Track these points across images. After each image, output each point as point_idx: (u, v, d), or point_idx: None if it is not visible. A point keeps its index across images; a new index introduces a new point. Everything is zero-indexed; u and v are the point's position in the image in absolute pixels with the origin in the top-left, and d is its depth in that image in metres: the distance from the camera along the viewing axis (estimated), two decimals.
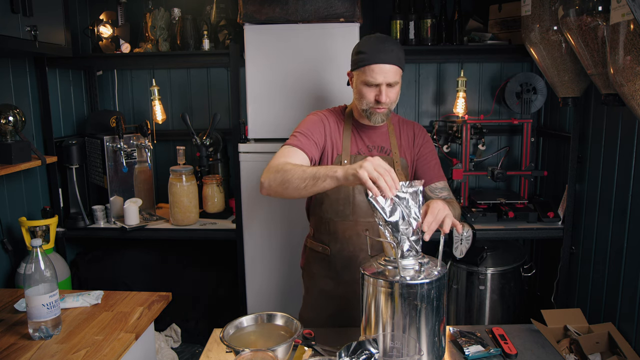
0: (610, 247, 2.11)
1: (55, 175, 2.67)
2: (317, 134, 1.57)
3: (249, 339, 1.27)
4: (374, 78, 1.49)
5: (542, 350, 1.42)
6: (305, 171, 1.33)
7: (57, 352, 1.40)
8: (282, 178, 1.36)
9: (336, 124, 1.63)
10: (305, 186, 1.32)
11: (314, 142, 1.56)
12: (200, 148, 2.69)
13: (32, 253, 1.43)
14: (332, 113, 1.67)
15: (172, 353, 2.70)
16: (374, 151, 1.63)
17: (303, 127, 1.59)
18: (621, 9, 1.33)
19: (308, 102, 2.37)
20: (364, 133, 1.64)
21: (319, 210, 1.67)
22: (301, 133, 1.56)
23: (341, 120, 1.65)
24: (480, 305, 2.62)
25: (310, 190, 1.33)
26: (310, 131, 1.57)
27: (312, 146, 1.55)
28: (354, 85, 1.58)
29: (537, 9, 2.06)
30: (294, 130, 1.60)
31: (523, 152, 2.77)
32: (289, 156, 1.48)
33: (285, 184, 1.35)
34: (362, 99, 1.54)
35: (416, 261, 1.23)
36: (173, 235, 2.66)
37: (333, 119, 1.64)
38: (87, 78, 3.06)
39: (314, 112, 1.66)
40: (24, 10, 2.02)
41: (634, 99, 1.38)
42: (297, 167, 1.36)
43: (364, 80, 1.51)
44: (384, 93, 1.50)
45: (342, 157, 1.58)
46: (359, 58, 1.51)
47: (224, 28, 2.77)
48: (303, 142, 1.53)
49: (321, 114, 1.64)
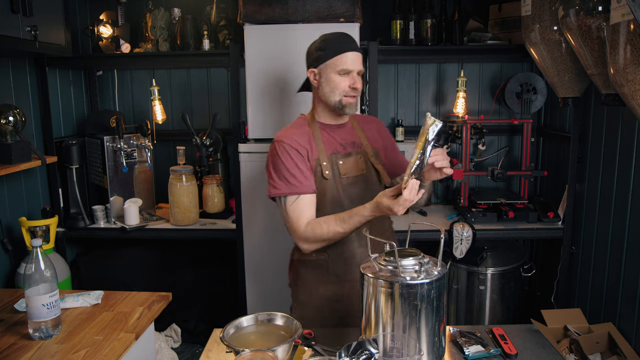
0: (610, 247, 2.11)
1: (55, 175, 2.67)
2: (301, 164, 1.54)
3: (249, 339, 1.27)
4: (348, 65, 1.55)
5: (542, 350, 1.42)
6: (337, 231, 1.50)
7: (57, 352, 1.40)
8: (323, 243, 1.54)
9: (303, 135, 1.60)
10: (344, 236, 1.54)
11: (306, 175, 1.54)
12: (200, 148, 2.69)
13: (32, 253, 1.43)
14: (296, 129, 1.62)
15: (172, 353, 2.70)
16: (348, 147, 1.63)
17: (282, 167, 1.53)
18: (621, 9, 1.33)
19: (308, 102, 2.36)
20: (333, 132, 1.64)
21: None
22: (290, 175, 1.52)
23: (306, 131, 1.62)
24: (480, 305, 2.62)
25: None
26: (293, 166, 1.53)
27: (306, 181, 1.54)
28: (323, 80, 1.57)
29: (537, 9, 2.06)
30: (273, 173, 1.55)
31: (523, 152, 2.77)
32: (306, 208, 1.54)
33: (329, 242, 1.55)
34: (336, 89, 1.56)
35: (416, 261, 1.23)
36: (173, 235, 2.66)
37: (297, 133, 1.60)
38: (87, 78, 3.06)
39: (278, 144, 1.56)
40: (24, 10, 2.02)
41: (634, 99, 1.38)
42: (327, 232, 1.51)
43: (337, 70, 1.55)
44: (358, 80, 1.58)
45: (320, 160, 1.58)
46: (325, 52, 1.55)
47: (224, 28, 2.77)
48: (298, 184, 1.52)
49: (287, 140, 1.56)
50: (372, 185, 1.67)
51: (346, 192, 1.60)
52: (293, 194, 1.52)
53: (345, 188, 1.60)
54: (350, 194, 1.61)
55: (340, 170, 1.59)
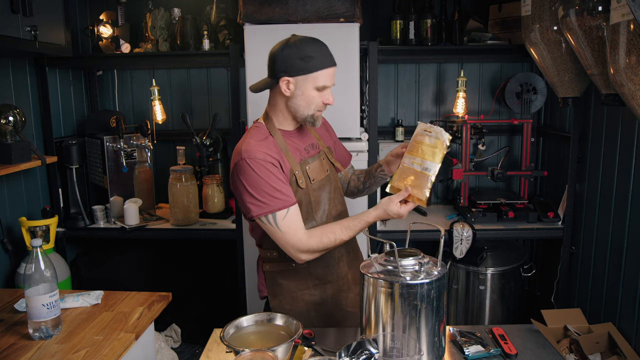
0: (610, 247, 2.11)
1: (55, 175, 2.67)
2: (281, 177, 1.46)
3: (249, 339, 1.27)
4: (328, 81, 1.47)
5: (542, 350, 1.42)
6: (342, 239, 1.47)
7: (57, 352, 1.40)
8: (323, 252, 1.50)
9: (271, 147, 1.48)
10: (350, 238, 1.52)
11: (287, 187, 1.47)
12: (200, 148, 2.69)
13: (32, 253, 1.43)
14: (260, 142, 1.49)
15: (172, 353, 2.70)
16: (310, 151, 1.59)
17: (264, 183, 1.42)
18: (621, 9, 1.33)
19: None
20: (294, 138, 1.57)
21: None
22: (274, 190, 1.42)
23: (271, 142, 1.50)
24: (480, 305, 2.62)
25: None
26: (275, 181, 1.44)
27: (289, 192, 1.47)
28: (298, 92, 1.46)
29: (537, 9, 2.06)
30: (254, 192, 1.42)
31: (523, 152, 2.77)
32: (298, 219, 1.47)
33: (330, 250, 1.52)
34: (312, 104, 1.48)
35: (416, 261, 1.23)
36: (173, 235, 2.66)
37: (265, 146, 1.47)
38: (87, 78, 3.06)
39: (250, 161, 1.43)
40: (24, 10, 2.02)
41: (634, 99, 1.38)
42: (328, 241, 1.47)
43: (316, 85, 1.46)
44: (331, 95, 1.51)
45: (293, 170, 1.51)
46: (309, 63, 1.43)
47: (224, 28, 2.77)
48: (284, 198, 1.43)
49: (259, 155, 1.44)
50: (335, 182, 1.65)
51: (316, 195, 1.56)
52: (283, 208, 1.43)
53: (315, 192, 1.56)
54: (321, 197, 1.58)
55: (310, 176, 1.55)
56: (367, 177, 1.80)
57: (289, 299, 1.61)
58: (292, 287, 1.61)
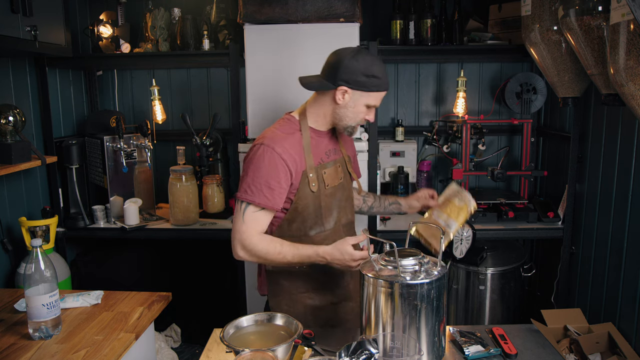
0: (610, 247, 2.11)
1: (55, 175, 2.67)
2: (282, 179, 1.47)
3: (249, 339, 1.27)
4: (378, 103, 1.55)
5: (542, 350, 1.42)
6: (284, 257, 1.47)
7: (57, 352, 1.40)
8: (259, 260, 1.50)
9: (294, 146, 1.51)
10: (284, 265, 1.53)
11: (282, 192, 1.48)
12: (200, 148, 2.69)
13: (32, 253, 1.43)
14: (287, 135, 1.52)
15: (172, 353, 2.70)
16: (331, 155, 1.60)
17: (266, 176, 1.45)
18: (621, 9, 1.33)
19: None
20: (320, 139, 1.59)
21: (288, 231, 1.56)
22: (267, 187, 1.45)
23: (298, 139, 1.53)
24: (480, 305, 2.62)
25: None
26: (275, 179, 1.46)
27: (280, 197, 1.48)
28: (350, 103, 1.49)
29: (537, 9, 2.06)
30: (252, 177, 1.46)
31: (523, 152, 2.77)
32: (264, 222, 1.50)
33: (264, 262, 1.54)
34: (357, 118, 1.54)
35: (416, 261, 1.23)
36: (173, 235, 2.66)
37: (288, 143, 1.50)
38: (87, 78, 3.06)
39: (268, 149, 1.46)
40: (24, 10, 2.02)
41: (634, 99, 1.38)
42: (273, 252, 1.47)
43: (368, 103, 1.52)
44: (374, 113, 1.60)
45: (307, 172, 1.52)
46: (372, 82, 1.47)
47: (224, 28, 2.77)
48: (271, 199, 1.46)
49: (278, 149, 1.46)
50: (348, 192, 1.66)
51: (327, 201, 1.56)
52: (258, 205, 1.46)
53: (326, 198, 1.56)
54: (332, 204, 1.58)
55: (325, 180, 1.55)
56: (375, 202, 1.85)
57: (287, 300, 1.62)
58: (292, 288, 1.61)
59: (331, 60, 1.51)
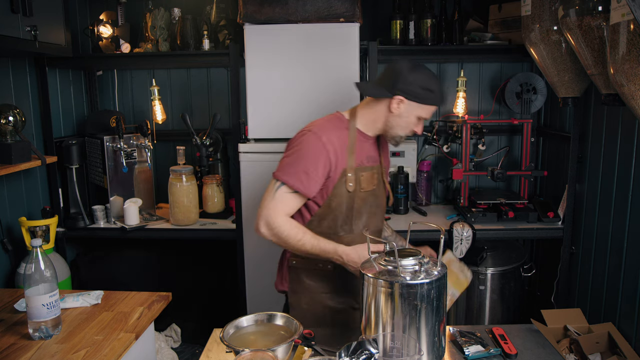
0: (610, 247, 2.11)
1: (55, 175, 2.67)
2: (321, 168, 1.51)
3: (249, 339, 1.27)
4: (429, 116, 1.59)
5: (542, 350, 1.42)
6: (303, 244, 1.50)
7: (57, 352, 1.40)
8: (279, 241, 1.53)
9: (340, 140, 1.55)
10: (301, 253, 1.54)
11: (318, 180, 1.51)
12: (200, 148, 2.69)
13: (32, 253, 1.43)
14: (336, 129, 1.57)
15: (172, 353, 2.70)
16: (370, 161, 1.62)
17: (306, 161, 1.50)
18: (621, 9, 1.33)
19: (308, 101, 2.37)
20: (364, 143, 1.62)
21: (318, 228, 1.59)
22: (304, 172, 1.49)
23: (345, 135, 1.57)
24: (480, 305, 2.62)
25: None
26: (314, 166, 1.50)
27: (314, 185, 1.51)
28: (403, 113, 1.54)
29: (537, 9, 2.06)
30: (293, 159, 1.51)
31: (523, 152, 2.77)
32: (293, 205, 1.53)
33: (282, 245, 1.55)
34: (407, 128, 1.58)
35: (416, 261, 1.23)
36: (173, 235, 2.66)
37: (335, 137, 1.54)
38: (87, 78, 3.06)
39: (315, 136, 1.52)
40: (24, 10, 2.02)
41: (634, 99, 1.38)
42: (294, 237, 1.50)
43: (420, 115, 1.56)
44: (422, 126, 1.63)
45: (347, 171, 1.55)
46: (428, 95, 1.52)
47: (224, 28, 2.77)
48: (306, 184, 1.49)
49: (325, 139, 1.51)
50: (380, 199, 1.68)
51: (360, 204, 1.59)
52: (292, 187, 1.49)
53: (360, 201, 1.59)
54: (363, 208, 1.61)
55: (361, 183, 1.58)
56: (390, 235, 1.88)
57: (308, 299, 1.64)
58: (314, 288, 1.64)
59: (389, 70, 1.57)
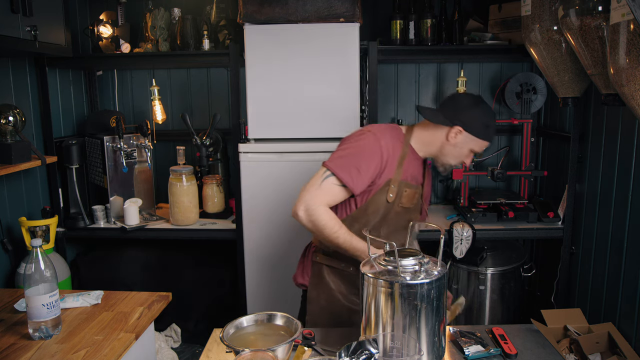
0: (610, 247, 2.11)
1: (55, 175, 2.67)
2: (372, 169, 1.53)
3: (249, 339, 1.27)
4: (481, 150, 1.64)
5: (542, 350, 1.42)
6: (337, 237, 1.50)
7: (57, 352, 1.40)
8: (314, 228, 1.51)
9: (394, 150, 1.58)
10: (332, 245, 1.54)
11: (366, 179, 1.53)
12: (200, 148, 2.69)
13: (32, 253, 1.43)
14: (393, 139, 1.60)
15: (172, 353, 2.70)
16: (414, 180, 1.64)
17: (360, 158, 1.52)
18: (621, 9, 1.33)
19: (308, 102, 2.37)
20: (412, 162, 1.63)
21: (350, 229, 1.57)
22: (356, 168, 1.51)
23: (399, 147, 1.60)
24: (480, 305, 2.62)
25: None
26: (367, 165, 1.52)
27: (362, 183, 1.52)
28: (458, 144, 1.58)
29: (537, 9, 2.06)
30: (348, 153, 1.53)
31: (523, 152, 2.77)
32: (337, 197, 1.53)
33: (316, 233, 1.54)
34: (459, 159, 1.63)
35: (416, 261, 1.23)
36: (173, 235, 2.66)
37: (391, 145, 1.58)
38: (87, 78, 3.06)
39: (374, 137, 1.56)
40: (24, 10, 2.02)
41: (634, 99, 1.38)
42: (331, 228, 1.49)
43: (472, 148, 1.61)
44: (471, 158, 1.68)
45: (392, 182, 1.56)
46: (485, 131, 1.57)
47: (224, 28, 2.77)
48: (355, 180, 1.51)
49: (383, 143, 1.55)
50: (411, 219, 1.67)
51: (394, 219, 1.61)
52: (341, 179, 1.50)
53: (394, 215, 1.61)
54: (395, 221, 1.62)
55: (402, 198, 1.59)
56: None
57: (327, 296, 1.65)
58: (336, 286, 1.65)
59: (453, 101, 1.63)
